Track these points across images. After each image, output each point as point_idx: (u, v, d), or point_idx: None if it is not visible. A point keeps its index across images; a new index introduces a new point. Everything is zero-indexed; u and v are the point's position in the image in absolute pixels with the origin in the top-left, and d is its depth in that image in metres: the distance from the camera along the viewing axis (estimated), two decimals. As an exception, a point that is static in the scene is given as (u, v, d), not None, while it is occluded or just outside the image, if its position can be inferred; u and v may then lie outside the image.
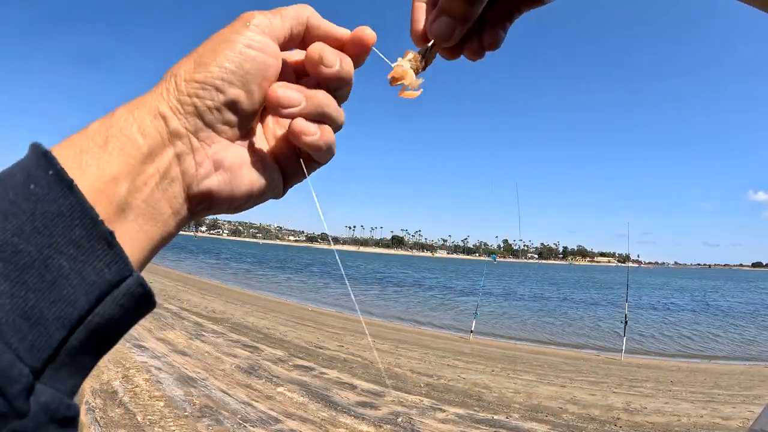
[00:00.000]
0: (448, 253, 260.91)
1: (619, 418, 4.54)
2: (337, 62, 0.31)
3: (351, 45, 0.32)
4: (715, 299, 29.94)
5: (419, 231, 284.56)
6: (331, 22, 0.33)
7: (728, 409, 5.10)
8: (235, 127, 0.29)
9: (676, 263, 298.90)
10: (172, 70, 0.28)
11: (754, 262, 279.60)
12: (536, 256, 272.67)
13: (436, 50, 0.37)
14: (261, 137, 0.33)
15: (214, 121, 0.28)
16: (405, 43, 0.38)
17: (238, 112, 0.29)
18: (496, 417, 4.28)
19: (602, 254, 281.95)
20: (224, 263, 33.73)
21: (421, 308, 17.41)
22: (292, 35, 0.31)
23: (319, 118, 0.31)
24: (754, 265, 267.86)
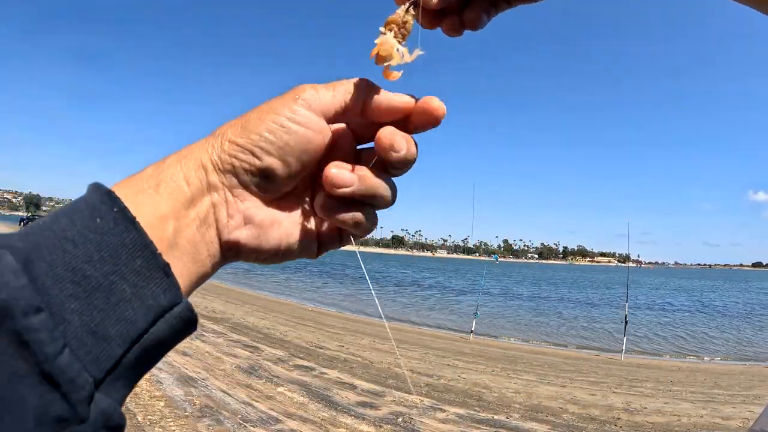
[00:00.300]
0: (449, 253, 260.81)
1: (619, 418, 4.54)
2: (405, 147, 0.32)
3: (419, 115, 0.33)
4: (713, 299, 29.94)
5: (419, 231, 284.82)
6: (394, 95, 0.33)
7: (728, 409, 5.10)
8: (268, 191, 0.31)
9: (676, 263, 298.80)
10: (221, 129, 0.31)
11: (754, 262, 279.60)
12: (536, 256, 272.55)
13: (417, 13, 0.33)
14: (306, 204, 0.34)
15: (248, 182, 0.30)
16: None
17: (272, 178, 0.31)
18: (496, 417, 4.29)
19: (602, 254, 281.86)
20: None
21: (421, 308, 17.41)
22: (346, 108, 0.32)
23: (370, 199, 0.32)
24: (754, 265, 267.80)
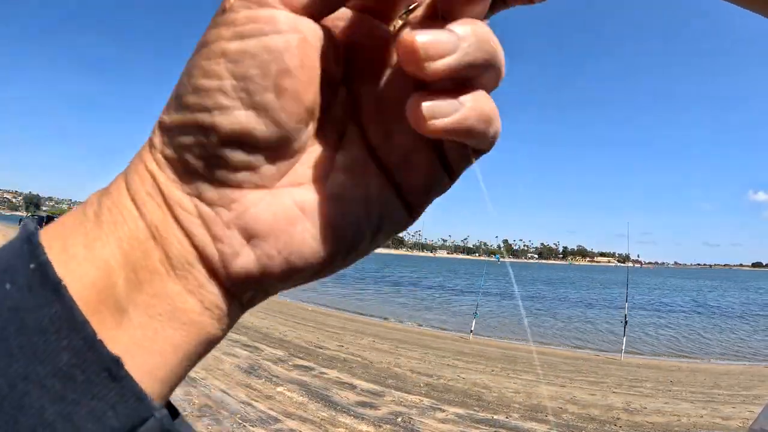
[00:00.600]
0: (449, 253, 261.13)
1: (618, 418, 4.54)
2: None
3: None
4: (712, 299, 29.97)
5: (419, 231, 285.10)
6: None
7: (728, 409, 5.10)
8: (262, 167, 0.17)
9: (676, 263, 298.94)
10: (161, 114, 0.18)
11: (754, 262, 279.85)
12: (536, 256, 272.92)
13: None
14: (356, 144, 0.19)
15: (218, 174, 0.17)
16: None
17: (256, 144, 0.16)
18: (495, 417, 4.29)
19: (602, 254, 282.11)
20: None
21: (421, 308, 17.42)
22: None
23: (480, 71, 0.17)
24: (754, 265, 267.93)
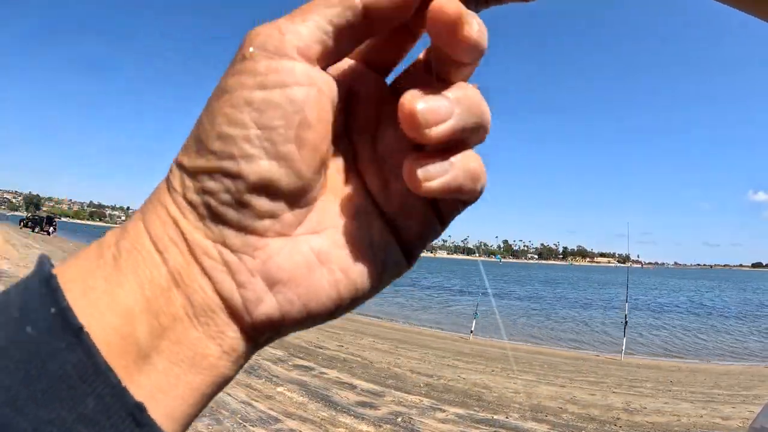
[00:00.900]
0: (449, 254, 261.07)
1: (618, 418, 4.54)
2: (474, 23, 0.17)
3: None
4: (711, 299, 29.96)
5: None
6: None
7: (728, 409, 5.10)
8: (284, 214, 0.18)
9: (676, 263, 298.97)
10: (176, 158, 0.18)
11: (754, 262, 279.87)
12: (536, 257, 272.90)
13: None
14: (357, 199, 0.20)
15: (243, 221, 0.17)
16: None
17: (279, 193, 0.18)
18: (495, 417, 4.29)
19: (602, 254, 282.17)
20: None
21: (421, 308, 17.41)
22: (338, 32, 0.18)
23: (471, 131, 0.19)
24: (754, 266, 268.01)
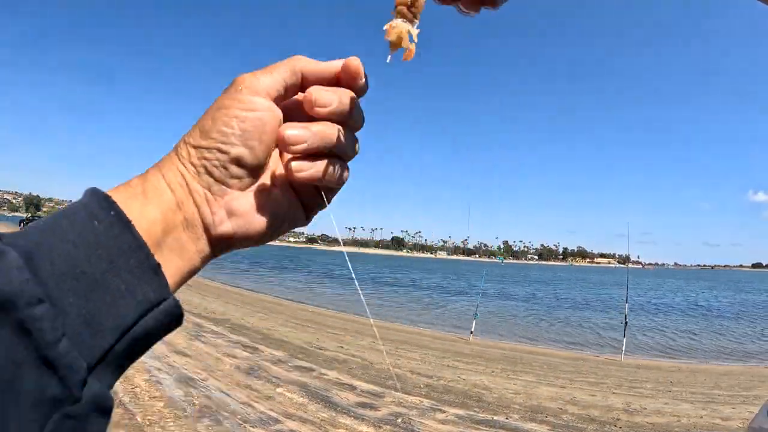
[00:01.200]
0: (449, 255, 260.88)
1: (619, 419, 4.54)
2: (332, 99, 0.33)
3: (344, 77, 0.35)
4: (711, 300, 29.94)
5: (419, 232, 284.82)
6: (323, 63, 0.35)
7: (728, 409, 5.10)
8: (244, 178, 0.33)
9: (676, 264, 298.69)
10: (185, 138, 0.33)
11: (754, 262, 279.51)
12: (536, 258, 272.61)
13: None
14: (280, 178, 0.35)
15: (223, 177, 0.32)
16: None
17: (244, 166, 0.33)
18: (495, 418, 4.29)
19: (602, 255, 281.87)
20: (222, 264, 33.69)
21: (421, 309, 17.40)
22: (287, 86, 0.34)
23: (329, 149, 0.34)
24: (754, 266, 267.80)
